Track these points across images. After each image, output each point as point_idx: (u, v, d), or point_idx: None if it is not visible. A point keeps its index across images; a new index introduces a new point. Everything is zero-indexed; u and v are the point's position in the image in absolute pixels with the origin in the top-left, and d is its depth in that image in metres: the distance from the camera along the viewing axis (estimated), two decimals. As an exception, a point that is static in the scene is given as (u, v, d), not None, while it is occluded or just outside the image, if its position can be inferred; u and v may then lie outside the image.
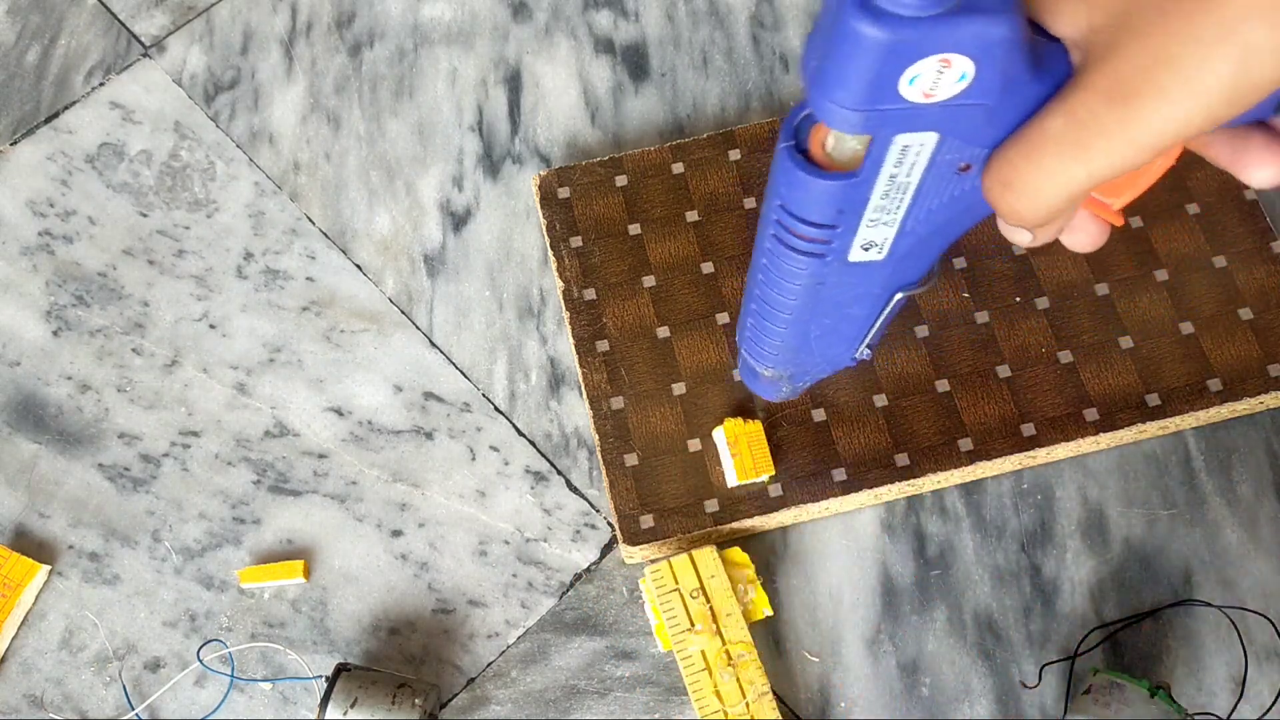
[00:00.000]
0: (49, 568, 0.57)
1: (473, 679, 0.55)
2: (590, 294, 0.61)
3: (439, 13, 0.71)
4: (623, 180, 0.63)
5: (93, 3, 0.72)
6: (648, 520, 0.56)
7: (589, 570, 0.57)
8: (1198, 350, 0.58)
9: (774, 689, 0.54)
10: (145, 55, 0.70)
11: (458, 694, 0.55)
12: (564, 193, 0.63)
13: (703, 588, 0.54)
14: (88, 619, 0.57)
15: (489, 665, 0.56)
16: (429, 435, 0.60)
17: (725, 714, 0.51)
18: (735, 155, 0.64)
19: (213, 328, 0.63)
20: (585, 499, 0.59)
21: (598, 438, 0.58)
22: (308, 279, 0.64)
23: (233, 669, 0.55)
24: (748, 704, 0.51)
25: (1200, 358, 0.58)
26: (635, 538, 0.55)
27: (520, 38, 0.70)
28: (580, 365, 0.59)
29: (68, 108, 0.69)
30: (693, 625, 0.53)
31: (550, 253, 0.63)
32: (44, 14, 0.72)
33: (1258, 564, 0.56)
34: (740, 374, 0.49)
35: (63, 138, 0.68)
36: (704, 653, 0.52)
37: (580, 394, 0.61)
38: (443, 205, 0.66)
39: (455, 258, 0.64)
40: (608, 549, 0.58)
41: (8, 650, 0.56)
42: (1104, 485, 0.58)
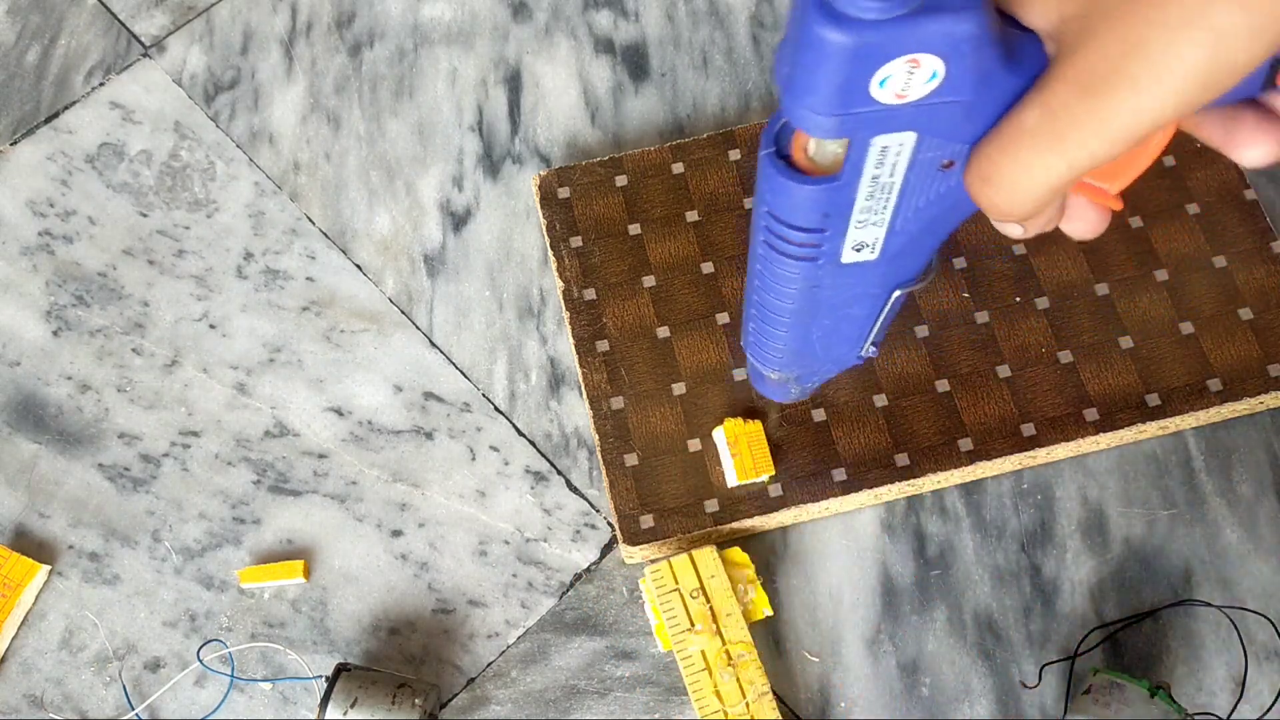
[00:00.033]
0: (49, 568, 0.57)
1: (473, 679, 0.55)
2: (590, 294, 0.61)
3: (439, 13, 0.71)
4: (623, 180, 0.63)
5: (93, 3, 0.72)
6: (648, 520, 0.56)
7: (589, 570, 0.57)
8: (1198, 350, 0.58)
9: (774, 689, 0.54)
10: (145, 55, 0.70)
11: (458, 694, 0.55)
12: (564, 193, 0.63)
13: (703, 588, 0.54)
14: (88, 619, 0.57)
15: (489, 665, 0.56)
16: (429, 435, 0.60)
17: (725, 714, 0.51)
18: (735, 155, 0.64)
19: (213, 328, 0.63)
20: (585, 499, 0.59)
21: (598, 438, 0.58)
22: (308, 279, 0.64)
23: (233, 669, 0.55)
24: (748, 704, 0.51)
25: (1200, 358, 0.58)
26: (635, 538, 0.55)
27: (520, 38, 0.70)
28: (580, 365, 0.59)
29: (68, 108, 0.69)
30: (693, 625, 0.53)
31: (550, 253, 0.63)
32: (44, 14, 0.72)
33: (1258, 564, 0.56)
34: (749, 377, 0.49)
35: (63, 138, 0.68)
36: (704, 653, 0.52)
37: (580, 394, 0.61)
38: (443, 205, 0.66)
39: (455, 258, 0.64)
40: (608, 549, 0.58)
41: (8, 650, 0.56)
42: (1104, 485, 0.58)
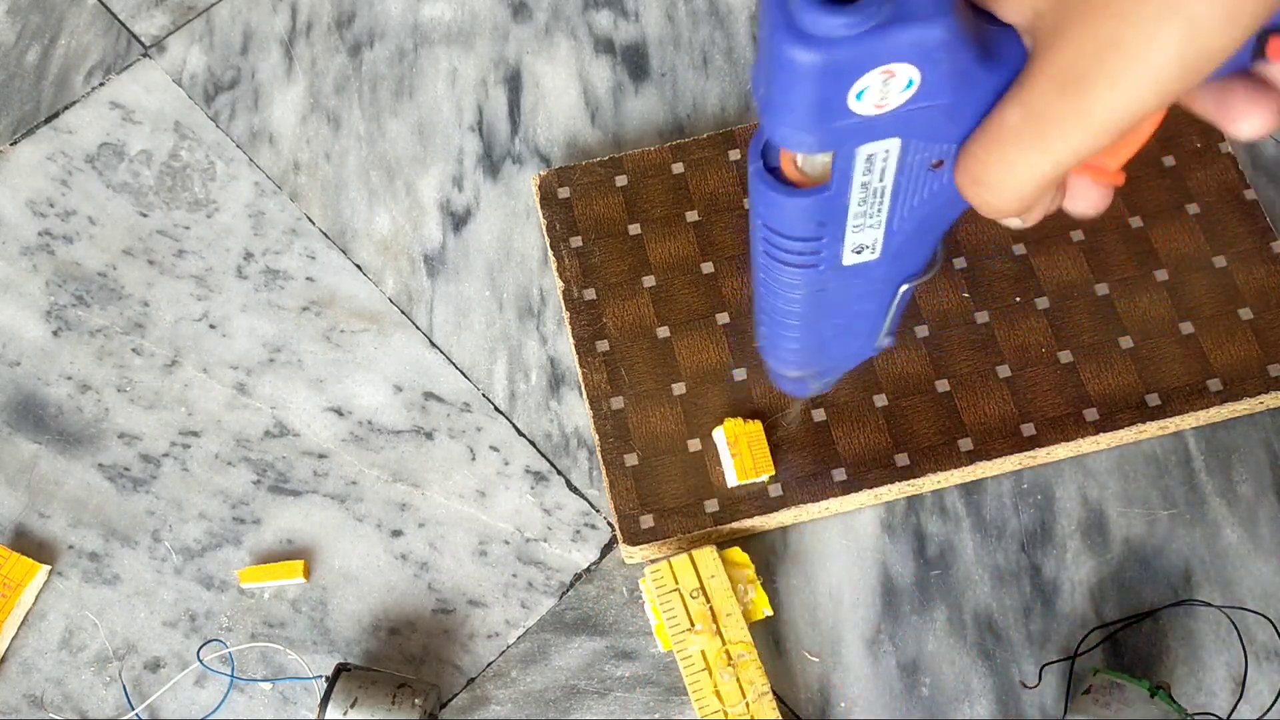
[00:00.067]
0: (49, 568, 0.57)
1: (473, 679, 0.55)
2: (590, 294, 0.61)
3: (439, 13, 0.71)
4: (623, 180, 0.63)
5: (93, 3, 0.72)
6: (648, 520, 0.56)
7: (589, 570, 0.57)
8: (1198, 350, 0.58)
9: (774, 689, 0.54)
10: (145, 55, 0.70)
11: (458, 694, 0.55)
12: (564, 193, 0.63)
13: (703, 588, 0.54)
14: (88, 619, 0.57)
15: (489, 665, 0.56)
16: (429, 435, 0.60)
17: (725, 714, 0.51)
18: (735, 155, 0.64)
19: (213, 328, 0.63)
20: (585, 499, 0.59)
21: (598, 438, 0.58)
22: (308, 279, 0.64)
23: (233, 669, 0.55)
24: (748, 704, 0.51)
25: (1200, 358, 0.58)
26: (635, 538, 0.55)
27: (520, 38, 0.70)
28: (580, 365, 0.59)
29: (68, 108, 0.69)
30: (693, 625, 0.53)
31: (550, 253, 0.63)
32: (44, 14, 0.72)
33: (1258, 564, 0.56)
34: (769, 377, 0.49)
35: (63, 138, 0.68)
36: (704, 653, 0.52)
37: (580, 394, 0.61)
38: (443, 205, 0.66)
39: (455, 258, 0.64)
40: (608, 549, 0.58)
41: (8, 650, 0.56)
42: (1104, 485, 0.58)
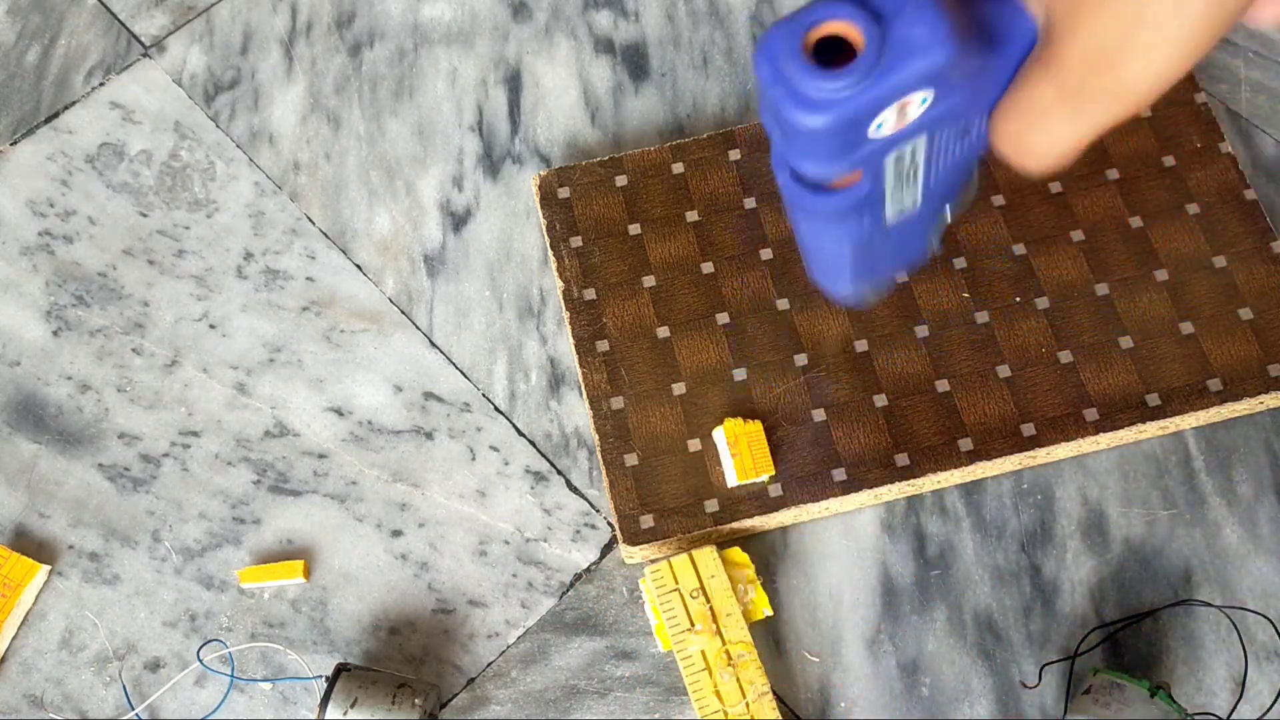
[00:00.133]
0: (49, 568, 0.57)
1: (473, 679, 0.55)
2: (590, 294, 0.61)
3: (439, 13, 0.71)
4: (623, 180, 0.63)
5: (93, 3, 0.72)
6: (648, 520, 0.56)
7: (589, 570, 0.57)
8: (1198, 350, 0.58)
9: (774, 689, 0.54)
10: (145, 55, 0.70)
11: (458, 694, 0.55)
12: (564, 193, 0.63)
13: (703, 588, 0.54)
14: (88, 619, 0.57)
15: (489, 665, 0.56)
16: (429, 435, 0.60)
17: (725, 714, 0.51)
18: (735, 155, 0.64)
19: (213, 328, 0.63)
20: (585, 499, 0.59)
21: (598, 438, 0.58)
22: (308, 279, 0.64)
23: (233, 669, 0.55)
24: (748, 704, 0.51)
25: (1200, 358, 0.58)
26: (635, 538, 0.55)
27: (520, 38, 0.70)
28: (580, 365, 0.59)
29: (68, 108, 0.69)
30: (693, 625, 0.53)
31: (550, 253, 0.63)
32: (44, 14, 0.72)
33: (1258, 564, 0.56)
34: (825, 293, 0.50)
35: (63, 138, 0.68)
36: (704, 653, 0.52)
37: (580, 394, 0.61)
38: (443, 205, 0.66)
39: (455, 258, 0.64)
40: (608, 549, 0.58)
41: (8, 650, 0.56)
42: (1104, 485, 0.58)
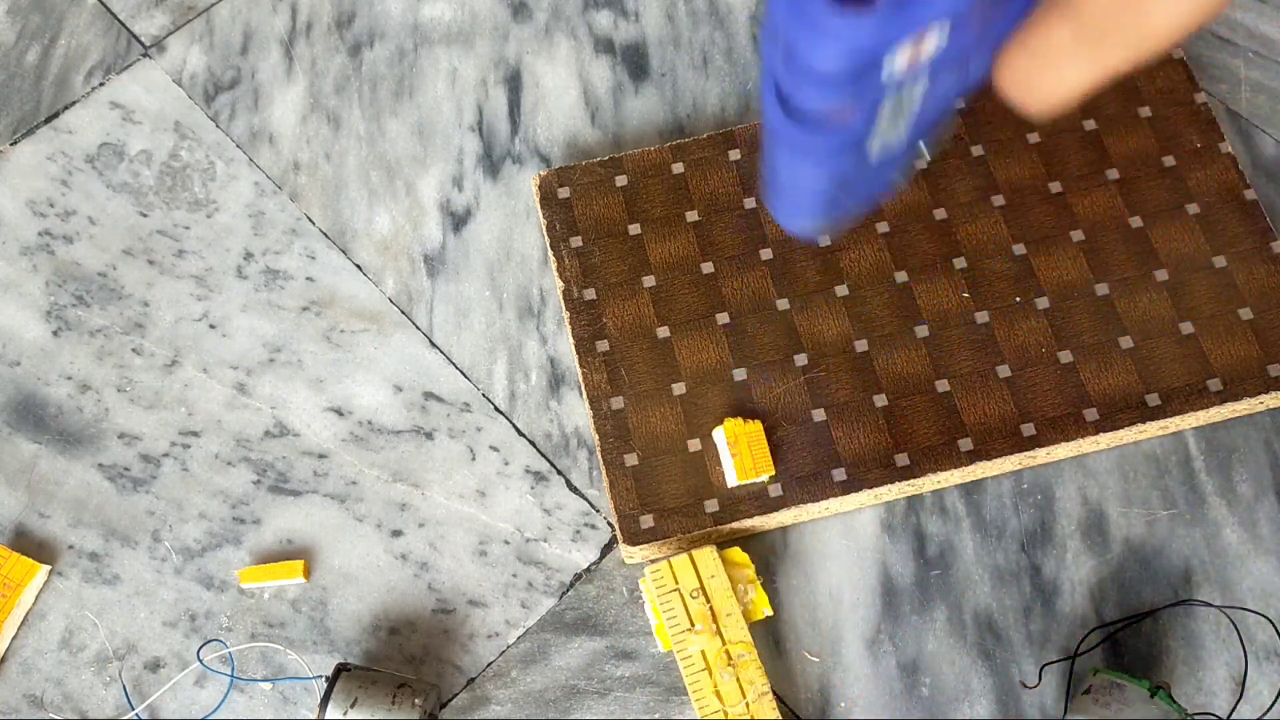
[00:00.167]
0: (49, 568, 0.57)
1: (473, 679, 0.55)
2: (590, 294, 0.61)
3: (439, 13, 0.71)
4: (623, 180, 0.63)
5: (93, 3, 0.72)
6: (648, 520, 0.56)
7: (589, 570, 0.57)
8: (1198, 350, 0.58)
9: (774, 689, 0.54)
10: (145, 55, 0.70)
11: (458, 694, 0.55)
12: (564, 193, 0.63)
13: (703, 588, 0.54)
14: (88, 619, 0.57)
15: (489, 665, 0.56)
16: (429, 435, 0.60)
17: (725, 714, 0.51)
18: (735, 155, 0.64)
19: (213, 328, 0.63)
20: (585, 499, 0.59)
21: (598, 438, 0.58)
22: (308, 279, 0.64)
23: (233, 669, 0.55)
24: (748, 704, 0.51)
25: (1200, 358, 0.58)
26: (635, 538, 0.55)
27: (520, 38, 0.70)
28: (580, 365, 0.59)
29: (68, 108, 0.69)
30: (693, 625, 0.53)
31: (550, 253, 0.63)
32: (44, 14, 0.72)
33: (1258, 564, 0.56)
34: (777, 220, 0.44)
35: (63, 138, 0.68)
36: (704, 653, 0.52)
37: (580, 394, 0.61)
38: (443, 205, 0.66)
39: (455, 258, 0.64)
40: (608, 549, 0.58)
41: (8, 650, 0.56)
42: (1104, 485, 0.58)
